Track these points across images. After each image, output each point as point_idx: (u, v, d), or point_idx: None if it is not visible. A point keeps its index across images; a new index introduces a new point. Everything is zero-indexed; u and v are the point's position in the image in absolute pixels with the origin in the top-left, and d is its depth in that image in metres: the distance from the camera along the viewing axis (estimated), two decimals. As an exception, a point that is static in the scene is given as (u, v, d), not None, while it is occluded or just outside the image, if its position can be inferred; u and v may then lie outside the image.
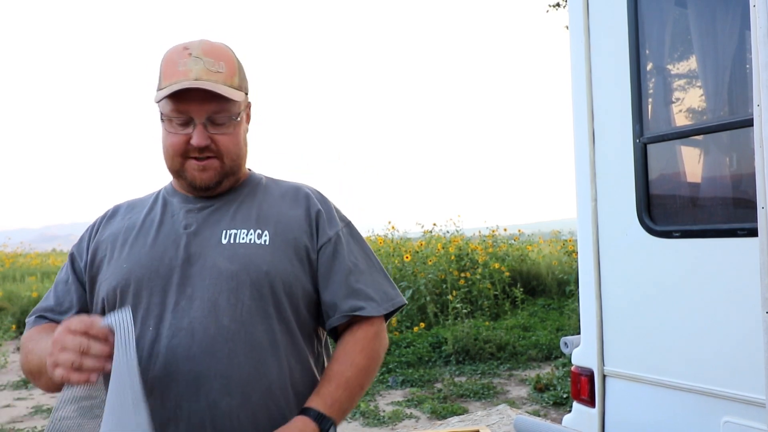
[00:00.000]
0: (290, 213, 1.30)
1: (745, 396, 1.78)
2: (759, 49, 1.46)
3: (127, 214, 1.33)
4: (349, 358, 1.23)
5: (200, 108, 1.19)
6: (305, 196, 1.35)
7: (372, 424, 4.67)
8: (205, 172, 1.23)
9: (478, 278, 8.25)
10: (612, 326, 2.23)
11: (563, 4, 10.28)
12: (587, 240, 2.31)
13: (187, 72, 1.18)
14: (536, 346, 6.50)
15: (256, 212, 1.28)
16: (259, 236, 1.24)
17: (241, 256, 1.21)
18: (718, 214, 2.08)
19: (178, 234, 1.24)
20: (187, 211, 1.28)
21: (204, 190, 1.26)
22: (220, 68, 1.21)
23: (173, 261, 1.21)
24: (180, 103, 1.19)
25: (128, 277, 1.20)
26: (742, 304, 1.79)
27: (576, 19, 2.35)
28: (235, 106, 1.24)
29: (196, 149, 1.21)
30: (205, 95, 1.18)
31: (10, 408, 5.44)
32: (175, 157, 1.23)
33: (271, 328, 1.20)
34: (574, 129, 2.38)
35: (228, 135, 1.23)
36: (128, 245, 1.25)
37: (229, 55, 1.26)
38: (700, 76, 2.19)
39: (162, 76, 1.22)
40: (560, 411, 4.77)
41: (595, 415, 2.26)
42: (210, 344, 1.14)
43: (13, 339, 8.57)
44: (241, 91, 1.26)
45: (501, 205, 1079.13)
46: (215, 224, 1.25)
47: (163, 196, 1.34)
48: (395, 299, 1.32)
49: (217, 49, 1.24)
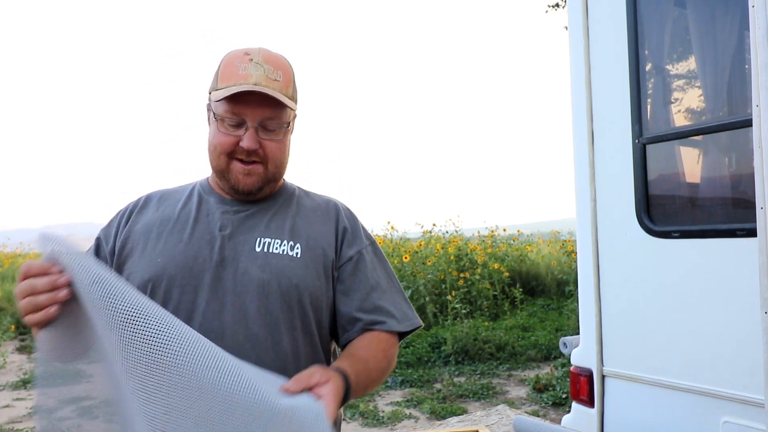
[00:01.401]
0: (321, 228, 1.33)
1: (745, 396, 1.78)
2: (758, 50, 1.46)
3: (160, 205, 1.34)
4: (372, 352, 1.25)
5: (255, 112, 1.22)
6: (335, 212, 1.38)
7: (371, 424, 4.67)
8: (249, 177, 1.25)
9: (478, 278, 8.25)
10: (611, 327, 2.23)
11: (562, 5, 10.29)
12: (586, 240, 2.31)
13: (248, 76, 1.20)
14: (535, 346, 6.50)
15: (290, 224, 1.30)
16: (291, 248, 1.26)
17: (274, 266, 1.23)
18: (718, 214, 2.08)
19: (213, 235, 1.25)
20: (223, 212, 1.29)
21: (246, 194, 1.28)
22: (278, 77, 1.24)
23: (207, 262, 1.22)
24: (236, 106, 1.21)
25: (162, 272, 1.21)
26: (741, 304, 1.79)
27: (575, 20, 2.35)
28: (286, 114, 1.26)
29: (244, 151, 1.23)
30: (261, 100, 1.21)
31: (9, 408, 5.44)
32: (222, 156, 1.25)
33: (295, 339, 1.22)
34: (574, 129, 2.38)
35: (276, 142, 1.26)
36: (163, 239, 1.25)
37: (286, 65, 1.28)
38: (700, 77, 2.19)
39: (220, 78, 1.24)
40: (559, 411, 4.77)
41: (594, 415, 2.26)
42: (238, 350, 1.13)
43: (12, 339, 8.55)
44: (294, 101, 1.29)
45: (500, 206, 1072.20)
46: (250, 230, 1.27)
47: (199, 192, 1.35)
48: (413, 320, 1.36)
49: (276, 58, 1.27)
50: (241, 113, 1.22)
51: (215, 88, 1.24)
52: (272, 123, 1.24)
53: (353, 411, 4.92)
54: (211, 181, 1.37)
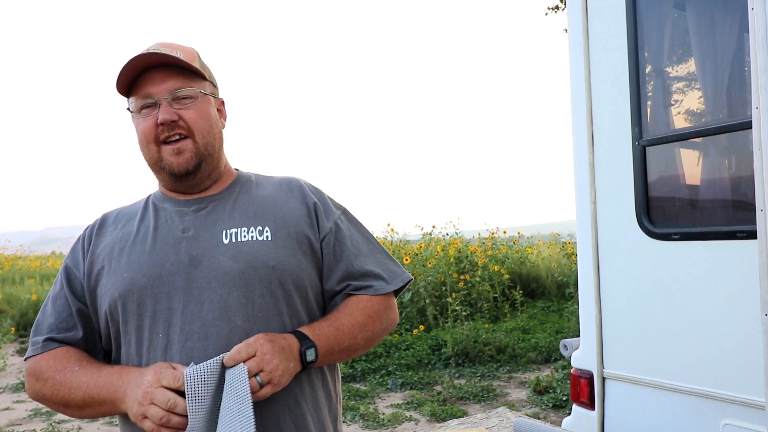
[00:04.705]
0: (287, 206, 1.32)
1: (745, 398, 1.78)
2: (758, 52, 1.46)
3: (117, 223, 1.33)
4: (348, 310, 1.27)
5: (161, 87, 1.22)
6: (299, 188, 1.37)
7: (372, 426, 4.67)
8: (180, 156, 1.24)
9: (478, 281, 8.25)
10: (611, 329, 2.23)
11: (562, 7, 10.30)
12: (587, 242, 2.31)
13: (143, 53, 1.21)
14: (536, 348, 6.49)
15: (253, 209, 1.29)
16: (260, 232, 1.25)
17: (246, 254, 1.21)
18: (717, 216, 2.08)
19: (176, 238, 1.24)
20: (182, 215, 1.28)
21: (184, 176, 1.26)
22: (178, 54, 1.23)
23: (175, 266, 1.20)
24: (142, 88, 1.22)
25: (131, 286, 1.20)
26: (741, 306, 1.79)
27: (575, 22, 2.36)
28: (198, 83, 1.26)
29: (165, 128, 1.22)
30: (165, 75, 1.21)
31: (9, 411, 5.43)
32: (150, 145, 1.24)
33: (283, 324, 1.22)
34: (574, 132, 2.39)
35: (194, 109, 1.24)
36: (126, 254, 1.24)
37: (188, 48, 1.28)
38: (699, 79, 2.20)
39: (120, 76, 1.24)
40: (560, 413, 4.76)
41: (595, 417, 2.25)
42: (225, 345, 1.14)
43: (12, 342, 8.55)
44: (204, 74, 1.28)
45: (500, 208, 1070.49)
46: (213, 225, 1.26)
47: (153, 203, 1.34)
48: (402, 275, 1.37)
49: (175, 44, 1.27)
50: (149, 92, 1.22)
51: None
52: (184, 92, 1.23)
53: (353, 413, 4.92)
54: (161, 188, 1.35)
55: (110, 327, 1.24)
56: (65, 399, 1.19)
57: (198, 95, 1.25)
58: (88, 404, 1.17)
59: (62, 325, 1.26)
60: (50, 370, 1.21)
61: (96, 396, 1.15)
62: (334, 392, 1.34)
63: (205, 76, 1.28)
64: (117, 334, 1.23)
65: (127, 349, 1.21)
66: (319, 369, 1.29)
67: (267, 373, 1.08)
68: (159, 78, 1.21)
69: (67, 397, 1.18)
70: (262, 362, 1.08)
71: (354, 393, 5.47)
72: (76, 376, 1.18)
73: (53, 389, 1.20)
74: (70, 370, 1.19)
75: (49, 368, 1.21)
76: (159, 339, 1.17)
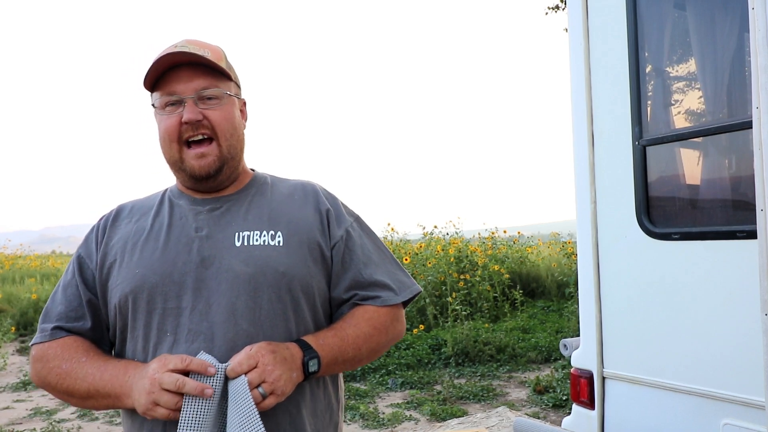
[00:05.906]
0: (301, 212, 1.31)
1: (745, 398, 1.78)
2: (758, 52, 1.46)
3: (132, 216, 1.32)
4: (354, 321, 1.27)
5: (188, 85, 1.21)
6: (313, 194, 1.36)
7: (371, 426, 4.67)
8: (203, 159, 1.23)
9: (478, 280, 8.25)
10: (611, 328, 2.23)
11: (562, 7, 10.29)
12: (587, 242, 2.31)
13: (171, 52, 1.20)
14: (536, 348, 6.50)
15: (267, 213, 1.28)
16: (272, 237, 1.24)
17: (257, 258, 1.21)
18: (718, 216, 2.08)
19: (189, 237, 1.24)
20: (196, 213, 1.27)
21: (205, 179, 1.26)
22: (205, 53, 1.23)
23: (186, 265, 1.20)
24: (168, 85, 1.21)
25: (141, 283, 1.20)
26: (741, 306, 1.79)
27: (575, 22, 2.36)
28: (225, 84, 1.26)
29: (189, 127, 1.21)
30: (192, 73, 1.21)
31: (10, 410, 5.43)
32: (173, 144, 1.23)
33: (288, 330, 1.21)
34: (574, 131, 2.39)
35: (220, 110, 1.24)
36: (138, 250, 1.24)
37: (215, 47, 1.28)
38: (699, 79, 2.19)
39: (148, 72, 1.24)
40: (560, 413, 4.76)
41: (595, 417, 2.25)
42: (230, 348, 1.14)
43: (13, 341, 8.55)
44: (230, 75, 1.28)
45: (500, 207, 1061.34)
46: (227, 226, 1.25)
47: (169, 198, 1.33)
48: (412, 287, 1.36)
49: (202, 42, 1.27)
50: (174, 90, 1.21)
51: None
52: (210, 92, 1.23)
53: (353, 413, 4.92)
54: (178, 184, 1.35)
55: (118, 321, 1.24)
56: (70, 388, 1.19)
57: (223, 96, 1.25)
58: (92, 396, 1.17)
59: (72, 314, 1.26)
60: (57, 358, 1.21)
61: (101, 389, 1.15)
62: (336, 399, 1.33)
63: (231, 76, 1.28)
64: (124, 329, 1.23)
65: (134, 344, 1.21)
66: (322, 377, 1.29)
67: (269, 384, 1.08)
68: (186, 76, 1.21)
69: (71, 387, 1.19)
70: (264, 373, 1.08)
71: (354, 392, 5.47)
72: (82, 367, 1.18)
73: (59, 378, 1.20)
74: (77, 360, 1.19)
75: (56, 356, 1.21)
76: (167, 337, 1.17)
